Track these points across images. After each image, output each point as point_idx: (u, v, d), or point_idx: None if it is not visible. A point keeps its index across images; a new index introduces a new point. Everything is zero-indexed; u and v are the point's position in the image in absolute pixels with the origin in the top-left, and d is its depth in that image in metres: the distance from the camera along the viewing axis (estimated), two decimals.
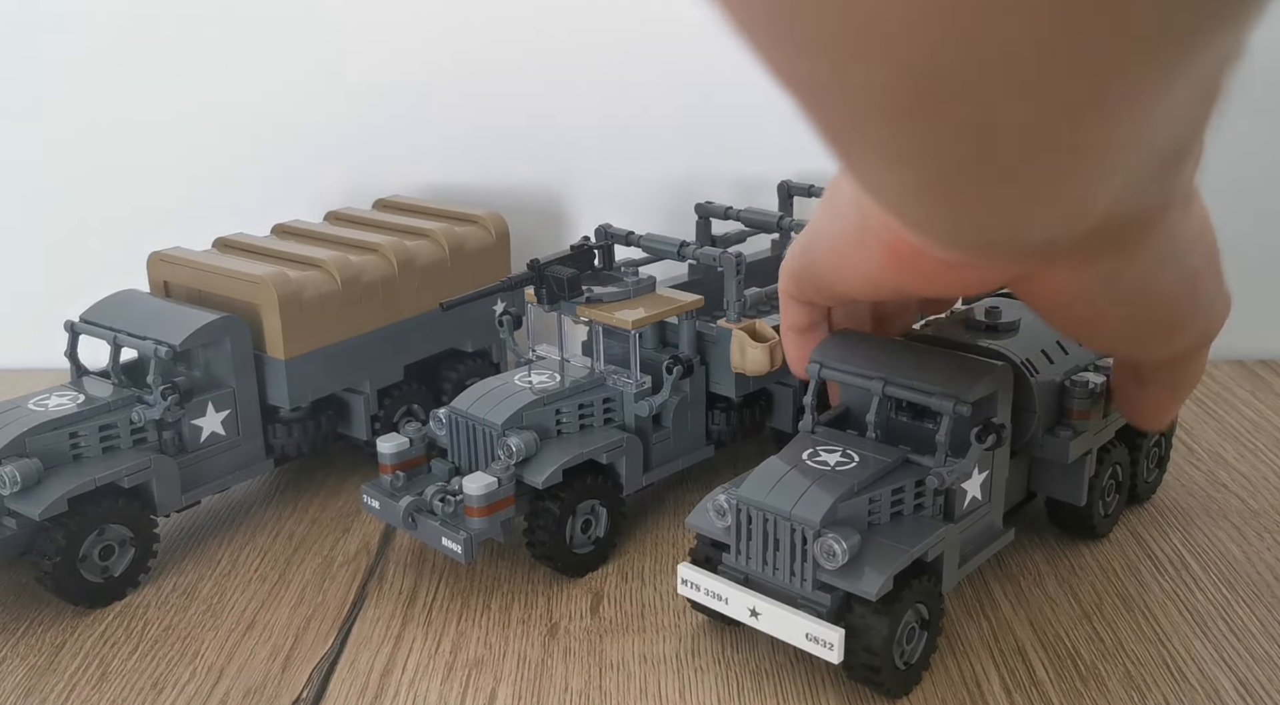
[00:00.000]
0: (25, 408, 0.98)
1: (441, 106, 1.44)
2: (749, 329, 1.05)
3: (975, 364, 0.88)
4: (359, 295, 1.12)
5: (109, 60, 1.42)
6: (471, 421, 0.98)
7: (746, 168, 1.44)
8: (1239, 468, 1.19)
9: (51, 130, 1.45)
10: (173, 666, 0.89)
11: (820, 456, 0.86)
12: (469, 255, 1.23)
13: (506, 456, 0.95)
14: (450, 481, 0.98)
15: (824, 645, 0.79)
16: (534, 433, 0.96)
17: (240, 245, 1.17)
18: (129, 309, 1.07)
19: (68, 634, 0.93)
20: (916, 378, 0.87)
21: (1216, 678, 0.85)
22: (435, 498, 0.95)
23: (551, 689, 0.85)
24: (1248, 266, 1.47)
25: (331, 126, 1.45)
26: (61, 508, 0.92)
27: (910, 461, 0.86)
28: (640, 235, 1.13)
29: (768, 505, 0.82)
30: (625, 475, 1.02)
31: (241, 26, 1.41)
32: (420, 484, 0.99)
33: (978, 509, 0.89)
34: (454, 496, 0.95)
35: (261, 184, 1.45)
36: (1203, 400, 1.37)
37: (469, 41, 1.41)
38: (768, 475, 0.84)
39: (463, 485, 0.93)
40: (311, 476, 1.21)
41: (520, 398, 0.99)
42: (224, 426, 1.06)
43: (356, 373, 1.14)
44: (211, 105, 1.44)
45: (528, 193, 1.47)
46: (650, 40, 1.41)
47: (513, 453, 0.94)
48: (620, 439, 1.01)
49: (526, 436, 0.95)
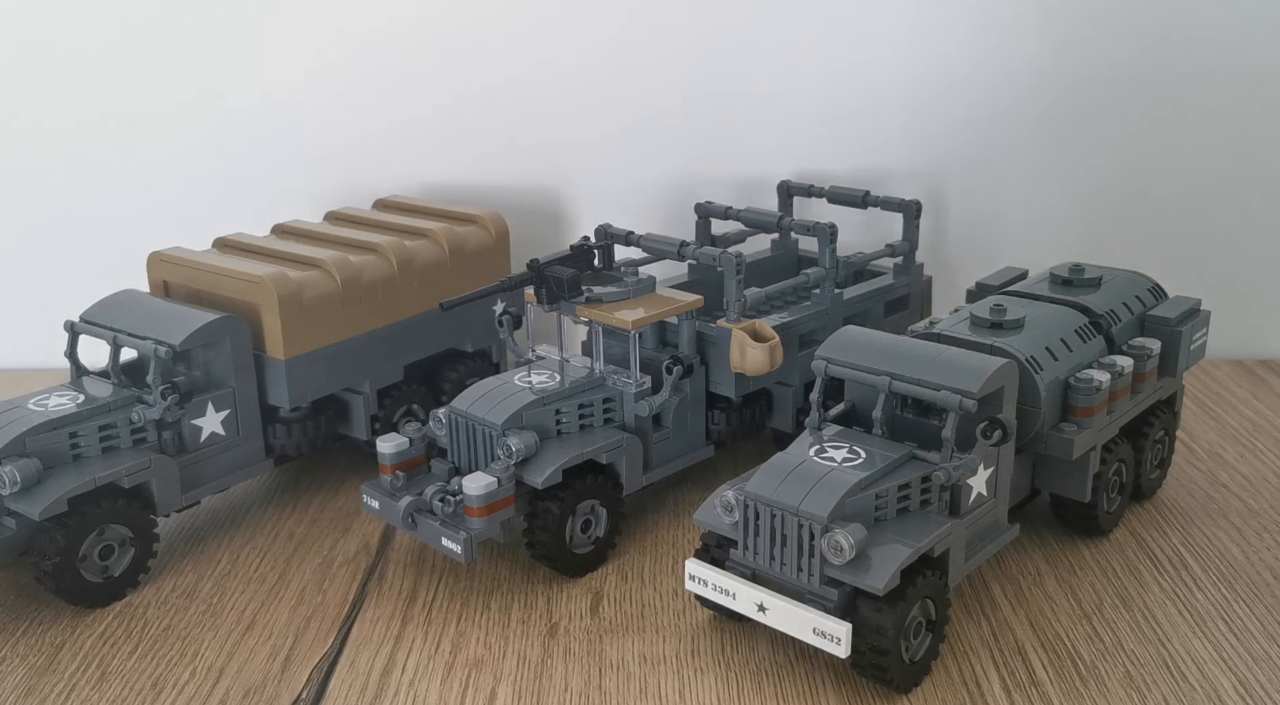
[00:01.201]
0: (25, 408, 0.98)
1: (441, 106, 1.44)
2: (749, 329, 1.05)
3: (980, 360, 0.88)
4: (359, 295, 1.12)
5: (109, 59, 1.42)
6: (471, 421, 0.98)
7: (746, 168, 1.44)
8: (1239, 468, 1.19)
9: (51, 130, 1.45)
10: (172, 666, 0.89)
11: (827, 453, 0.86)
12: (469, 255, 1.23)
13: (506, 456, 0.95)
14: (450, 481, 0.98)
15: (832, 640, 0.79)
16: (534, 433, 0.96)
17: (240, 245, 1.17)
18: (129, 309, 1.07)
19: (67, 634, 0.93)
20: (922, 374, 0.87)
21: (1216, 677, 0.85)
22: (435, 498, 0.95)
23: (551, 689, 0.85)
24: (1247, 266, 1.48)
25: (331, 126, 1.45)
26: (61, 508, 0.92)
27: (916, 458, 0.86)
28: (640, 235, 1.13)
29: (775, 501, 0.82)
30: (625, 475, 1.02)
31: (241, 26, 1.41)
32: (420, 484, 0.99)
33: (983, 505, 0.90)
34: (454, 497, 0.95)
35: (261, 184, 1.45)
36: (1202, 400, 1.37)
37: (469, 41, 1.41)
38: (775, 471, 0.84)
39: (462, 485, 0.93)
40: (311, 476, 1.21)
41: (520, 398, 0.99)
42: (224, 426, 1.06)
43: (356, 373, 1.14)
44: (211, 105, 1.44)
45: (528, 193, 1.47)
46: (650, 40, 1.41)
47: (512, 453, 0.95)
48: (620, 439, 1.01)
49: (526, 436, 0.95)
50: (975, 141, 1.44)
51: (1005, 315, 0.98)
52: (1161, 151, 1.44)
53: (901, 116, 1.43)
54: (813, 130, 1.43)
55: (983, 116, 1.43)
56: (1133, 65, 1.40)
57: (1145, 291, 1.10)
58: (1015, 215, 1.47)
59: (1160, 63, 1.40)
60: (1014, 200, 1.46)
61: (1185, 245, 1.46)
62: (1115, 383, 0.98)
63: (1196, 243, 1.47)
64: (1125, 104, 1.42)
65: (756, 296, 1.10)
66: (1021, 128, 1.43)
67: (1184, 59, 1.40)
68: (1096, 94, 1.41)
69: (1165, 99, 1.42)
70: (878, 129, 1.43)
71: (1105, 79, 1.41)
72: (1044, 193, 1.46)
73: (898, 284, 1.25)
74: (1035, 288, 1.09)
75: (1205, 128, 1.43)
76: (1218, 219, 1.47)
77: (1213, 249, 1.47)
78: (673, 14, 1.40)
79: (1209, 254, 1.46)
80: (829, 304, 1.16)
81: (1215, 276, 1.43)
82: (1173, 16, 1.39)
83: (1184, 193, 1.45)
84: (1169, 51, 1.40)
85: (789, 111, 1.42)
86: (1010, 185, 1.46)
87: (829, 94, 1.42)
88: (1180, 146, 1.44)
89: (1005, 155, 1.44)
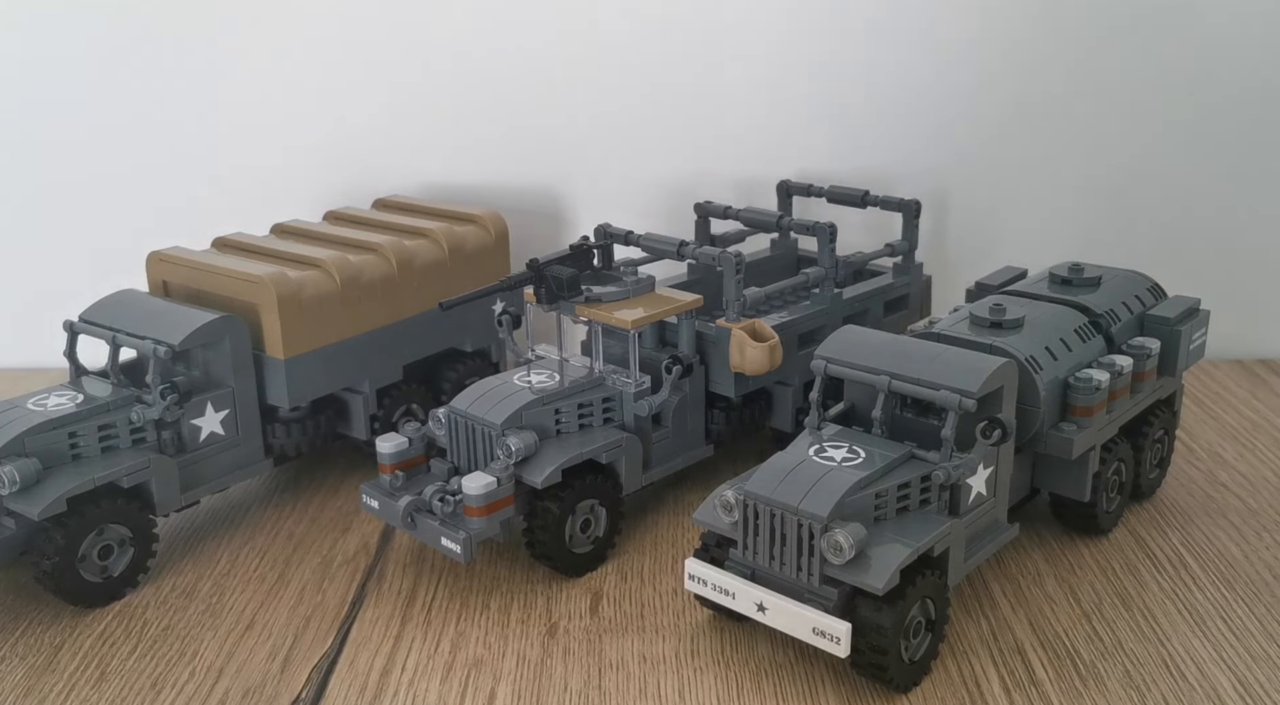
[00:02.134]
0: (24, 407, 0.98)
1: (440, 105, 1.44)
2: (748, 329, 1.05)
3: (980, 360, 0.88)
4: (358, 295, 1.12)
5: (107, 59, 1.42)
6: (471, 421, 0.98)
7: (746, 168, 1.44)
8: (1238, 467, 1.19)
9: (49, 129, 1.45)
10: (171, 666, 0.89)
11: (827, 452, 0.86)
12: (468, 255, 1.23)
13: (506, 456, 0.95)
14: (449, 481, 0.98)
15: (831, 639, 0.79)
16: (533, 432, 0.96)
17: (239, 245, 1.17)
18: (128, 309, 1.07)
19: (66, 634, 0.93)
20: (921, 373, 0.87)
21: (1215, 677, 0.85)
22: (434, 497, 0.95)
23: (551, 689, 0.85)
24: (1246, 266, 1.48)
25: (330, 126, 1.45)
26: (60, 507, 0.92)
27: (916, 457, 0.86)
28: (639, 235, 1.13)
29: (774, 500, 0.82)
30: (625, 475, 1.02)
31: (240, 25, 1.41)
32: (419, 484, 0.99)
33: (983, 504, 0.90)
34: (453, 496, 0.95)
35: (260, 183, 1.45)
36: (1202, 400, 1.37)
37: (468, 41, 1.41)
38: (775, 471, 0.84)
39: (461, 485, 0.93)
40: (311, 476, 1.21)
41: (519, 397, 0.99)
42: (223, 426, 1.05)
43: (356, 372, 1.14)
44: (210, 104, 1.44)
45: (527, 192, 1.47)
46: (650, 40, 1.41)
47: (512, 452, 0.94)
48: (620, 439, 1.01)
49: (526, 436, 0.95)
50: (975, 141, 1.44)
51: (1004, 315, 0.98)
52: (1161, 151, 1.44)
53: (901, 116, 1.43)
54: (813, 130, 1.43)
55: (982, 116, 1.43)
56: (1133, 65, 1.40)
57: (1145, 291, 1.10)
58: (1015, 215, 1.46)
59: (1161, 62, 1.40)
60: (1014, 200, 1.46)
61: (1185, 245, 1.46)
62: (1115, 382, 0.98)
63: (1196, 242, 1.46)
64: (1125, 103, 1.42)
65: (756, 296, 1.10)
66: (1021, 127, 1.43)
67: (1185, 59, 1.40)
68: (1096, 93, 1.41)
69: (1165, 98, 1.42)
70: (877, 129, 1.43)
71: (1105, 78, 1.41)
72: (1044, 193, 1.46)
73: (897, 283, 1.25)
74: (1035, 287, 1.09)
75: (1205, 128, 1.43)
76: (1217, 218, 1.47)
77: (1212, 249, 1.47)
78: (672, 13, 1.40)
79: (1208, 254, 1.46)
80: (828, 303, 1.16)
81: (1215, 276, 1.43)
82: (1173, 17, 1.39)
83: (1183, 192, 1.45)
84: (1170, 51, 1.40)
85: (789, 111, 1.42)
86: (1010, 185, 1.46)
87: (829, 94, 1.42)
88: (1180, 146, 1.44)
89: (1005, 155, 1.44)
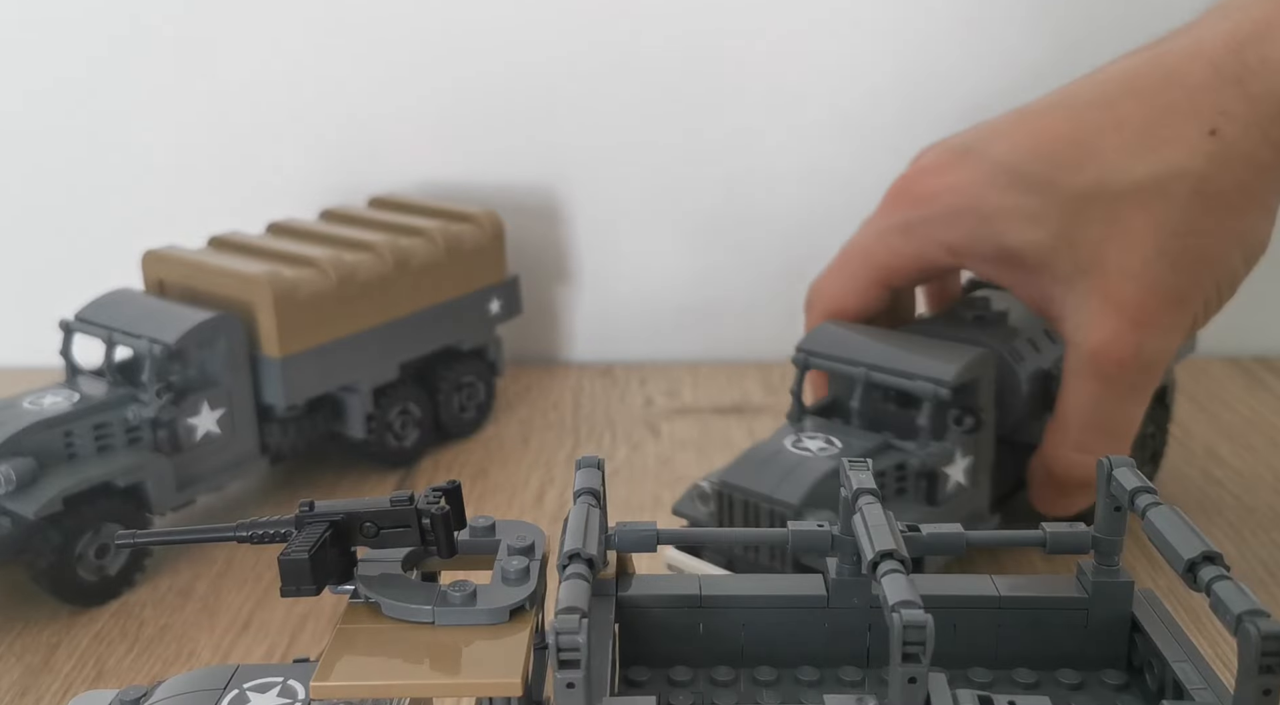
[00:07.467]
0: (20, 406, 0.97)
1: (437, 103, 1.44)
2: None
3: (956, 350, 0.90)
4: (354, 293, 1.12)
5: (104, 58, 1.42)
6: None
7: (746, 167, 1.44)
8: (1234, 465, 1.19)
9: (47, 129, 1.45)
10: (168, 666, 0.88)
11: (803, 443, 0.88)
12: (464, 253, 1.23)
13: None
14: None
15: None
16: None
17: (235, 243, 1.17)
18: (123, 307, 1.07)
19: (63, 633, 0.93)
20: (898, 364, 0.89)
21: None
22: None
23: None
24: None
25: (327, 124, 1.44)
26: (56, 507, 0.92)
27: (892, 446, 0.87)
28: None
29: (748, 489, 0.83)
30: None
31: (237, 24, 1.41)
32: None
33: (962, 494, 0.90)
34: None
35: (256, 182, 1.45)
36: (1197, 398, 1.37)
37: (466, 39, 1.41)
38: (750, 461, 0.86)
39: None
40: (306, 475, 1.20)
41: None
42: (219, 425, 1.05)
43: (352, 371, 1.14)
44: (206, 102, 1.44)
45: (523, 190, 1.47)
46: (649, 39, 1.41)
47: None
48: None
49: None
50: None
51: (989, 308, 0.99)
52: None
53: (901, 116, 1.43)
54: (813, 130, 1.43)
55: (982, 115, 1.43)
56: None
57: None
58: None
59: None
60: None
61: None
62: None
63: None
64: None
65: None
66: None
67: None
68: None
69: None
70: (877, 128, 1.43)
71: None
72: None
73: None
74: None
75: None
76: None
77: None
78: (671, 13, 1.40)
79: None
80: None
81: None
82: (1170, 15, 1.39)
83: None
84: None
85: (789, 111, 1.42)
86: None
87: (829, 94, 1.42)
88: None
89: None
